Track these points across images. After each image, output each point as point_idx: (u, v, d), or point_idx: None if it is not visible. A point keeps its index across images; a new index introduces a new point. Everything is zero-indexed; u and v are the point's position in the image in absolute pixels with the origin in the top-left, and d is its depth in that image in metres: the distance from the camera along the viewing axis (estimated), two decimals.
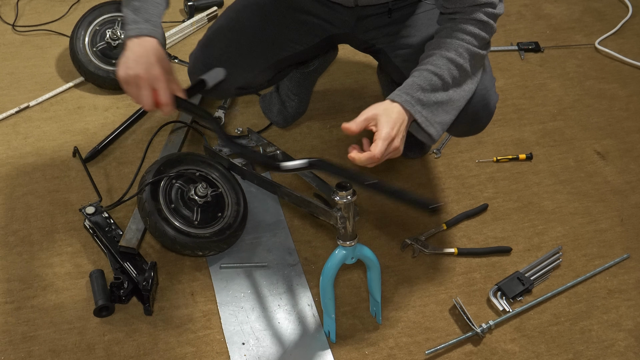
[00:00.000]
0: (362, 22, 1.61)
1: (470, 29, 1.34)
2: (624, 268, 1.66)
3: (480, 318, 1.54)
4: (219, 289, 1.56)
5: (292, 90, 1.91)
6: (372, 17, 1.59)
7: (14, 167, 1.81)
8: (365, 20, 1.60)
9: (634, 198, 1.83)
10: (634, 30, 2.42)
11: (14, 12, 2.33)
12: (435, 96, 1.33)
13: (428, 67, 1.34)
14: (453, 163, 1.89)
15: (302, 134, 1.94)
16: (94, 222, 1.63)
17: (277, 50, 1.63)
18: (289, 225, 1.70)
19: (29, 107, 1.99)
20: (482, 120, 1.54)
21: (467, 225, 1.74)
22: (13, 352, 1.43)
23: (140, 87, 1.29)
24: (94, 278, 1.53)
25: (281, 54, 1.63)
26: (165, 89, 1.30)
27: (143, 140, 1.89)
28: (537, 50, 2.29)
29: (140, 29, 1.32)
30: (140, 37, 1.31)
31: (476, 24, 1.34)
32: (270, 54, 1.62)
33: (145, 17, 1.33)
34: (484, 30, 1.35)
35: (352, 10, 1.58)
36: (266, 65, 1.63)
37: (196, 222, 1.59)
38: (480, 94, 1.48)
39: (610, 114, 2.08)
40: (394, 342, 1.49)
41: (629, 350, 1.50)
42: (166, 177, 1.61)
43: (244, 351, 1.45)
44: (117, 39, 2.02)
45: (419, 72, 1.34)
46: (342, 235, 1.33)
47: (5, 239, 1.64)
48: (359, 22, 1.61)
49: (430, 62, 1.34)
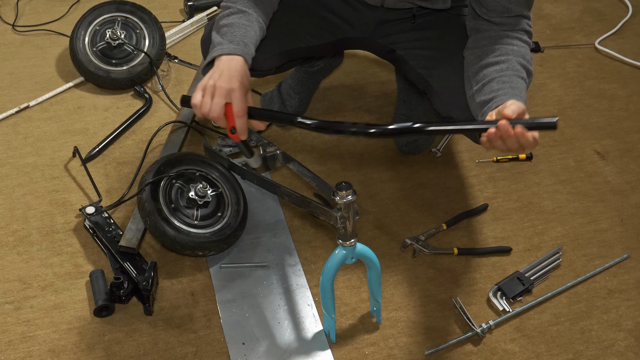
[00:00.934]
0: (383, 26, 1.61)
1: (524, 38, 1.41)
2: (624, 268, 1.66)
3: (480, 318, 1.54)
4: (219, 289, 1.56)
5: (294, 88, 1.91)
6: (395, 21, 1.60)
7: (14, 167, 1.81)
8: (387, 25, 1.60)
9: (634, 198, 1.83)
10: (634, 30, 2.42)
11: (14, 12, 2.33)
12: None
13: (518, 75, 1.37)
14: (453, 163, 1.89)
15: (302, 134, 1.94)
16: (94, 222, 1.63)
17: (293, 39, 1.62)
18: (289, 225, 1.70)
19: (29, 107, 1.99)
20: None
21: (467, 225, 1.74)
22: (13, 352, 1.43)
23: (215, 96, 1.30)
24: (94, 278, 1.53)
25: (296, 43, 1.62)
26: (240, 99, 1.30)
27: (143, 140, 1.89)
28: (537, 50, 2.29)
29: (223, 49, 1.36)
30: (228, 55, 1.34)
31: (525, 34, 1.42)
32: (285, 40, 1.61)
33: (229, 39, 1.37)
34: (529, 38, 1.42)
35: (376, 12, 1.58)
36: (279, 51, 1.61)
37: (196, 222, 1.59)
38: None
39: (610, 114, 2.08)
40: (394, 342, 1.49)
41: (629, 350, 1.50)
42: (166, 177, 1.61)
43: (244, 351, 1.45)
44: (117, 39, 2.02)
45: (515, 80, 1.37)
46: (342, 235, 1.33)
47: (5, 239, 1.64)
48: (379, 25, 1.61)
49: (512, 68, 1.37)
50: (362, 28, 1.63)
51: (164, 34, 2.10)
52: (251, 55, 1.38)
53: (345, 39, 1.65)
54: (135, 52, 2.04)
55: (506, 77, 1.35)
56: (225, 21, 1.41)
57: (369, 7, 1.58)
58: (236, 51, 1.35)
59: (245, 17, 1.42)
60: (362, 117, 1.99)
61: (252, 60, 1.40)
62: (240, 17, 1.42)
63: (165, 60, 2.14)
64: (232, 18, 1.41)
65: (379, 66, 2.17)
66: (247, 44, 1.38)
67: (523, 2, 1.39)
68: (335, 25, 1.62)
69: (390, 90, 2.09)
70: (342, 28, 1.63)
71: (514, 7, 1.39)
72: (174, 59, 2.16)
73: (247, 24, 1.41)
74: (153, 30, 2.08)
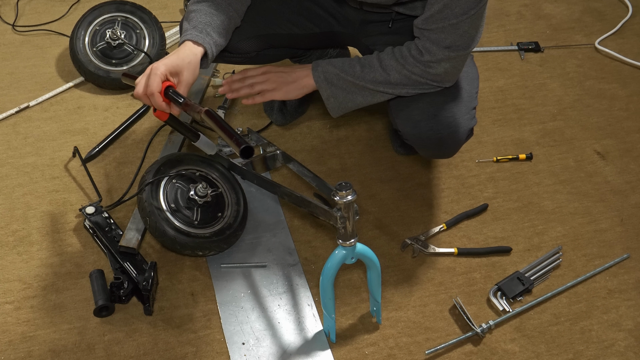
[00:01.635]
0: (366, 26, 1.61)
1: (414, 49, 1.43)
2: (624, 268, 1.66)
3: (480, 318, 1.54)
4: (219, 289, 1.56)
5: None
6: (376, 23, 1.60)
7: (14, 167, 1.81)
8: (369, 25, 1.61)
9: (634, 198, 1.83)
10: (634, 30, 2.42)
11: (14, 12, 2.33)
12: (340, 73, 1.49)
13: (360, 58, 1.49)
14: (453, 163, 1.89)
15: (302, 134, 1.94)
16: (94, 222, 1.63)
17: (271, 25, 1.63)
18: (289, 225, 1.70)
19: (29, 107, 1.99)
20: (450, 147, 1.55)
21: (467, 225, 1.74)
22: (13, 352, 1.43)
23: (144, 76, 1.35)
24: (94, 278, 1.53)
25: (274, 29, 1.63)
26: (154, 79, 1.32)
27: (143, 140, 1.89)
28: (537, 50, 2.29)
29: (186, 35, 1.40)
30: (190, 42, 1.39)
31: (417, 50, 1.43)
32: (262, 25, 1.62)
33: (193, 25, 1.42)
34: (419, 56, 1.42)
35: (357, 12, 1.59)
36: (254, 34, 1.62)
37: (196, 222, 1.59)
38: (447, 121, 1.48)
39: (610, 114, 2.08)
40: (394, 342, 1.49)
41: (629, 350, 1.50)
42: (166, 177, 1.61)
43: (244, 351, 1.45)
44: (117, 39, 2.02)
45: None
46: (342, 235, 1.33)
47: (5, 239, 1.64)
48: (362, 25, 1.61)
49: (366, 57, 1.50)
50: (348, 25, 1.64)
51: (164, 34, 2.10)
52: (213, 44, 1.41)
53: (332, 32, 1.66)
54: (135, 52, 2.04)
55: None
56: (193, 7, 1.44)
57: (350, 6, 1.59)
58: (198, 39, 1.39)
59: (214, 6, 1.44)
60: (362, 117, 1.99)
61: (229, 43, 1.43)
62: (209, 4, 1.44)
63: None
64: (200, 5, 1.44)
65: None
66: (210, 33, 1.41)
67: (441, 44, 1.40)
68: (321, 17, 1.63)
69: None
70: (328, 21, 1.64)
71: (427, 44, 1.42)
72: None
73: (215, 12, 1.43)
74: (153, 30, 2.08)
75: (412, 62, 1.43)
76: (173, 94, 1.34)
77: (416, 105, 1.49)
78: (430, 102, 1.48)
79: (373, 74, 1.47)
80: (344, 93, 1.51)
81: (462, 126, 1.50)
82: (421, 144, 1.54)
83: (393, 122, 1.60)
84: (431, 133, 1.49)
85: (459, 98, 1.50)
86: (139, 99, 1.34)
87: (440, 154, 1.59)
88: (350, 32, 1.65)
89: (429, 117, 1.48)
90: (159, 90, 1.32)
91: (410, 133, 1.53)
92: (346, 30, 1.64)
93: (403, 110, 1.52)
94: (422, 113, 1.49)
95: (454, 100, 1.49)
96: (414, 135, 1.52)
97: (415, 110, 1.49)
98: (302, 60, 1.88)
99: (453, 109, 1.49)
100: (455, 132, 1.50)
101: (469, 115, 1.52)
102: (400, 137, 1.87)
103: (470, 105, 1.53)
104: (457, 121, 1.49)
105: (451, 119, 1.48)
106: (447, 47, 1.38)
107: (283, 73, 1.55)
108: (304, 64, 1.89)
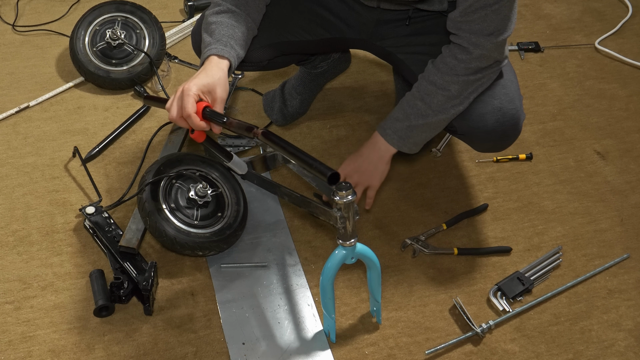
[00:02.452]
0: (381, 28, 1.60)
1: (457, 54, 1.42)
2: (624, 268, 1.66)
3: (480, 318, 1.54)
4: (219, 289, 1.56)
5: (296, 89, 1.91)
6: (391, 23, 1.59)
7: (14, 167, 1.81)
8: (384, 27, 1.60)
9: (634, 198, 1.83)
10: (634, 30, 2.42)
11: (14, 12, 2.33)
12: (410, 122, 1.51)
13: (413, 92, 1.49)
14: (453, 163, 1.89)
15: (302, 134, 1.94)
16: (94, 222, 1.63)
17: (284, 32, 1.62)
18: (289, 225, 1.70)
19: (29, 107, 1.99)
20: (510, 139, 1.57)
21: (467, 225, 1.74)
22: (13, 352, 1.43)
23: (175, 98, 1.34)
24: (94, 278, 1.53)
25: (286, 37, 1.62)
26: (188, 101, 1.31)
27: (143, 140, 1.89)
28: (537, 50, 2.29)
29: (211, 49, 1.38)
30: (216, 57, 1.38)
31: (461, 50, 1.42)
32: (275, 33, 1.61)
33: (217, 38, 1.40)
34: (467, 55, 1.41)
35: (373, 13, 1.58)
36: (268, 43, 1.62)
37: (196, 222, 1.59)
38: (510, 113, 1.50)
39: (610, 114, 2.08)
40: (394, 342, 1.49)
41: (629, 350, 1.50)
42: (166, 177, 1.61)
43: (244, 351, 1.45)
44: (117, 39, 2.02)
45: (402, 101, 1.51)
46: (342, 235, 1.33)
47: (5, 239, 1.64)
48: (377, 27, 1.61)
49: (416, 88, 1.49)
50: (360, 29, 1.62)
51: (164, 34, 2.10)
52: (236, 56, 1.40)
53: (342, 38, 1.65)
54: (135, 52, 2.04)
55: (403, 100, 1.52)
56: (213, 19, 1.43)
57: (366, 7, 1.58)
58: (223, 53, 1.37)
59: (234, 17, 1.43)
60: (362, 117, 1.99)
61: None
62: (230, 16, 1.43)
63: (165, 60, 2.14)
64: (220, 17, 1.43)
65: (379, 66, 2.17)
66: (234, 46, 1.39)
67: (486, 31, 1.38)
68: (332, 23, 1.62)
69: (390, 90, 2.09)
70: (340, 27, 1.63)
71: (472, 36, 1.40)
72: (174, 59, 2.16)
73: (235, 24, 1.42)
74: (153, 30, 2.08)
75: (462, 67, 1.42)
76: (211, 114, 1.32)
77: (478, 99, 1.49)
78: (491, 96, 1.49)
79: (435, 98, 1.47)
80: (423, 134, 1.52)
81: (522, 118, 1.54)
82: (484, 137, 1.54)
83: None
84: (497, 125, 1.50)
85: (514, 90, 1.52)
86: (175, 122, 1.34)
87: (499, 146, 1.60)
88: (363, 36, 1.64)
89: (494, 110, 1.49)
90: (195, 111, 1.31)
91: (473, 127, 1.52)
92: (359, 35, 1.64)
93: None
94: (485, 106, 1.49)
95: (512, 93, 1.51)
96: (477, 129, 1.52)
97: (478, 104, 1.49)
98: (306, 64, 1.87)
99: (515, 102, 1.51)
100: (517, 124, 1.52)
101: (522, 107, 1.55)
102: None
103: (521, 97, 1.56)
104: (518, 113, 1.51)
105: (514, 111, 1.50)
106: (491, 33, 1.38)
107: (362, 167, 1.58)
108: (308, 68, 1.89)
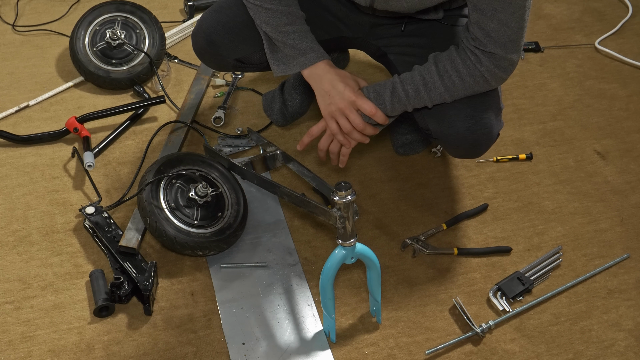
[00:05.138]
0: (377, 28, 1.61)
1: (468, 55, 1.41)
2: (624, 268, 1.66)
3: (480, 318, 1.54)
4: (219, 289, 1.56)
5: (296, 89, 1.91)
6: (387, 25, 1.60)
7: (14, 167, 1.81)
8: (380, 28, 1.61)
9: (634, 198, 1.83)
10: (634, 30, 2.42)
11: (14, 12, 2.33)
12: None
13: (401, 78, 1.46)
14: (453, 163, 1.89)
15: (302, 134, 1.94)
16: (94, 222, 1.63)
17: None
18: (289, 225, 1.70)
19: (29, 107, 1.99)
20: (482, 147, 1.57)
21: (467, 225, 1.74)
22: (12, 352, 1.43)
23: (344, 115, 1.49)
24: (94, 278, 1.53)
25: None
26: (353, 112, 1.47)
27: (143, 140, 1.89)
28: (537, 50, 2.29)
29: (311, 58, 1.48)
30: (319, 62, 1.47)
31: (478, 59, 1.40)
32: None
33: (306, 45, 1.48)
34: (477, 62, 1.40)
35: (368, 17, 1.59)
36: None
37: (196, 222, 1.59)
38: (483, 122, 1.50)
39: (610, 114, 2.08)
40: (394, 342, 1.49)
41: (629, 350, 1.50)
42: (166, 177, 1.61)
43: (244, 351, 1.45)
44: (117, 39, 2.02)
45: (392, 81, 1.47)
46: (342, 235, 1.33)
47: (5, 239, 1.64)
48: (373, 28, 1.61)
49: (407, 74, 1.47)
50: (357, 28, 1.63)
51: (164, 34, 2.10)
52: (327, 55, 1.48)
53: (340, 37, 1.66)
54: (135, 52, 2.04)
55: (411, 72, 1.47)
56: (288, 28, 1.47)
57: (361, 9, 1.59)
58: (324, 57, 1.47)
59: (304, 21, 1.50)
60: None
61: (243, 53, 1.41)
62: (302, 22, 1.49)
63: (165, 60, 2.14)
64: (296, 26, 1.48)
65: (379, 66, 2.17)
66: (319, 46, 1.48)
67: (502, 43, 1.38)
68: (330, 23, 1.63)
69: None
70: (337, 27, 1.63)
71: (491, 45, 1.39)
72: (174, 59, 2.16)
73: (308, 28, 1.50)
74: (153, 30, 2.08)
75: (483, 66, 1.41)
76: None
77: (452, 105, 1.48)
78: (466, 103, 1.48)
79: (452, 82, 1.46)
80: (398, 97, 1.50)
81: (495, 128, 1.54)
82: (455, 143, 1.55)
83: (420, 121, 1.59)
84: (468, 133, 1.50)
85: (493, 100, 1.52)
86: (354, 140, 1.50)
87: (472, 153, 1.60)
88: (359, 35, 1.64)
89: (467, 117, 1.49)
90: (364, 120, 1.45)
91: (445, 132, 1.53)
92: (355, 34, 1.64)
93: (436, 109, 1.51)
94: (458, 113, 1.49)
95: (488, 102, 1.51)
96: (449, 134, 1.52)
97: (452, 110, 1.49)
98: None
99: (489, 111, 1.51)
100: (490, 132, 1.52)
101: (499, 117, 1.55)
102: (400, 137, 1.87)
103: (500, 107, 1.56)
104: (491, 122, 1.51)
105: (487, 120, 1.50)
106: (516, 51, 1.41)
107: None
108: None
